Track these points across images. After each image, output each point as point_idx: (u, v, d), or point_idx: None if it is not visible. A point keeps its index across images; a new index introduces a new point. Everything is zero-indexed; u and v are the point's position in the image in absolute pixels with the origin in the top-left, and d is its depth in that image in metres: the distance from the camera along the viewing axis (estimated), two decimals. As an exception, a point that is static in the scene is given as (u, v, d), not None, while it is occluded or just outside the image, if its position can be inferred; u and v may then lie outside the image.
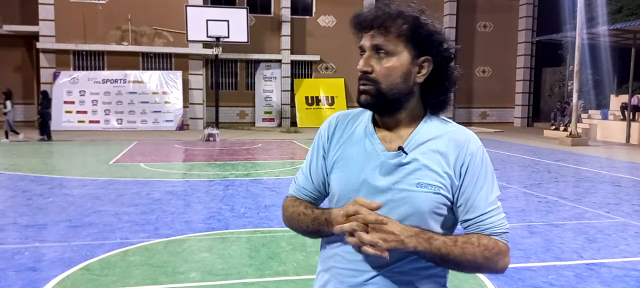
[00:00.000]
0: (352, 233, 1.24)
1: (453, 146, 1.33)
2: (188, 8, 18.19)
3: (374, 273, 1.32)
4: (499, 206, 1.35)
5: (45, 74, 19.29)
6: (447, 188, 1.31)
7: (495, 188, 1.36)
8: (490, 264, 1.30)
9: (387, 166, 1.33)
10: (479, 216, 1.32)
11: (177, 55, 20.27)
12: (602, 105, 20.72)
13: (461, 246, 1.26)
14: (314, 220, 1.38)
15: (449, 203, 1.33)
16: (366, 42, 1.33)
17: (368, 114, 1.42)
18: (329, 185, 1.43)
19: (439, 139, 1.34)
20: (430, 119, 1.38)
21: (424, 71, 1.34)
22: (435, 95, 1.37)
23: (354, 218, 1.24)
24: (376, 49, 1.31)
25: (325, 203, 1.48)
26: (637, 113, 17.47)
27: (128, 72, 19.58)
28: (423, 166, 1.31)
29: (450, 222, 1.36)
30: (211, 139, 15.78)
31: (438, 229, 1.32)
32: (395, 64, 1.31)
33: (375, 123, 1.40)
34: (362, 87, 1.33)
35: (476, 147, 1.34)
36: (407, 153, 1.33)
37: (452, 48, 1.36)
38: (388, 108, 1.34)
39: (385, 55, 1.31)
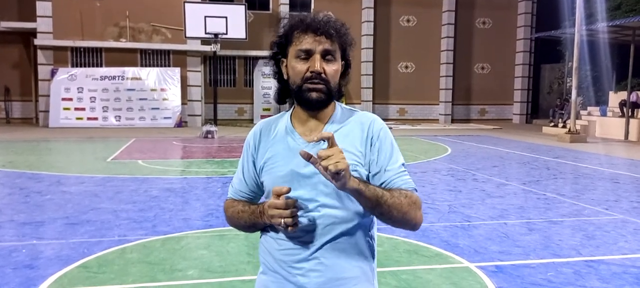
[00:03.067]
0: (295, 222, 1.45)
1: (362, 127, 1.56)
2: (186, 4, 18.14)
3: (315, 247, 1.51)
4: (406, 170, 1.57)
5: (43, 71, 19.23)
6: (362, 164, 1.53)
7: (401, 157, 1.59)
8: (412, 212, 1.49)
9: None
10: (392, 176, 1.53)
11: (176, 52, 20.21)
12: (600, 102, 20.70)
13: (390, 194, 1.46)
14: (251, 214, 1.59)
15: (366, 179, 1.53)
16: (315, 46, 1.49)
17: (286, 116, 1.63)
18: (262, 184, 1.63)
19: (349, 124, 1.57)
20: (339, 109, 1.61)
21: (341, 71, 1.58)
22: (339, 89, 1.59)
23: (273, 204, 1.44)
24: (326, 53, 1.50)
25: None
26: (635, 110, 17.47)
27: (126, 68, 19.52)
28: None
29: None
30: (209, 136, 15.75)
31: (359, 206, 1.51)
32: (338, 67, 1.54)
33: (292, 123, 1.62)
34: (314, 86, 1.49)
35: (381, 126, 1.58)
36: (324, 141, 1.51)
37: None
38: (328, 104, 1.55)
39: (333, 60, 1.52)
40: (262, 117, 22.62)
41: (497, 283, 4.12)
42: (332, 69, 1.52)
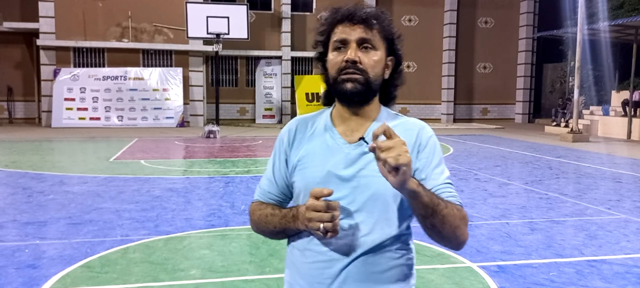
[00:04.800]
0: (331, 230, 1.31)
1: (410, 133, 1.43)
2: (188, 5, 18.16)
3: (346, 261, 1.38)
4: (452, 184, 1.44)
5: (45, 71, 19.28)
6: None
7: (447, 171, 1.45)
8: (462, 227, 1.36)
9: (351, 156, 1.40)
10: (438, 186, 1.39)
11: (178, 52, 20.24)
12: (603, 101, 20.68)
13: (445, 203, 1.33)
14: (281, 218, 1.44)
15: None
16: (351, 35, 1.40)
17: (325, 114, 1.51)
18: (292, 185, 1.49)
19: (396, 128, 1.39)
20: (384, 112, 1.49)
21: (389, 69, 1.47)
22: (390, 90, 1.50)
23: (312, 204, 1.29)
24: (362, 42, 1.40)
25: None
26: (638, 109, 17.43)
27: (128, 69, 19.56)
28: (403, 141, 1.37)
29: (408, 211, 1.41)
30: (211, 135, 15.77)
31: (399, 215, 1.40)
32: (379, 57, 1.42)
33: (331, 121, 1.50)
34: (349, 76, 1.38)
35: (429, 134, 1.46)
36: (368, 143, 1.35)
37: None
38: (367, 98, 1.42)
39: (371, 49, 1.40)
40: (264, 117, 22.71)
41: (499, 283, 4.12)
42: (370, 58, 1.40)
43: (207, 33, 17.65)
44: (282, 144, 1.52)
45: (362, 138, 1.39)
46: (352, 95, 1.39)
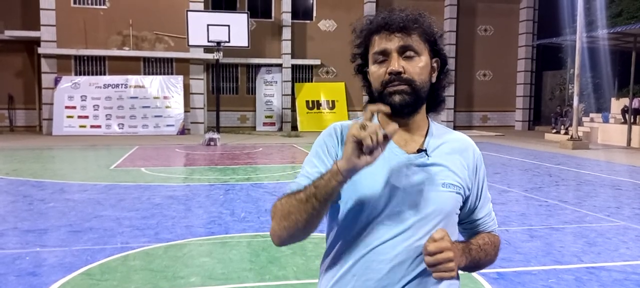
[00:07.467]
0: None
1: (464, 149, 1.42)
2: (189, 13, 18.24)
3: (402, 283, 1.31)
4: (491, 207, 1.53)
5: (46, 79, 19.34)
6: (464, 189, 1.39)
7: (489, 193, 1.52)
8: (494, 259, 1.47)
9: (410, 168, 1.33)
10: (486, 215, 1.48)
11: (178, 60, 20.30)
12: (602, 108, 20.70)
13: (485, 249, 1.40)
14: (314, 183, 1.24)
15: (462, 204, 1.41)
16: (391, 44, 1.31)
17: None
18: (339, 197, 1.34)
19: (451, 142, 1.40)
20: (433, 124, 1.42)
21: (436, 72, 1.39)
22: (438, 94, 1.41)
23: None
24: (404, 49, 1.31)
25: (325, 220, 1.39)
26: (637, 116, 17.45)
27: (129, 77, 19.62)
28: (445, 167, 1.36)
29: (457, 223, 1.45)
30: (212, 143, 15.79)
31: (456, 229, 1.42)
32: (424, 63, 1.33)
33: None
34: (394, 88, 1.30)
35: (479, 153, 1.46)
36: (429, 155, 1.35)
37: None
38: (417, 107, 1.35)
39: (415, 55, 1.32)
40: (265, 124, 22.73)
41: (498, 290, 4.13)
42: (415, 65, 1.31)
43: (208, 41, 17.71)
44: (328, 143, 1.36)
45: (423, 150, 1.35)
46: (401, 107, 1.31)
